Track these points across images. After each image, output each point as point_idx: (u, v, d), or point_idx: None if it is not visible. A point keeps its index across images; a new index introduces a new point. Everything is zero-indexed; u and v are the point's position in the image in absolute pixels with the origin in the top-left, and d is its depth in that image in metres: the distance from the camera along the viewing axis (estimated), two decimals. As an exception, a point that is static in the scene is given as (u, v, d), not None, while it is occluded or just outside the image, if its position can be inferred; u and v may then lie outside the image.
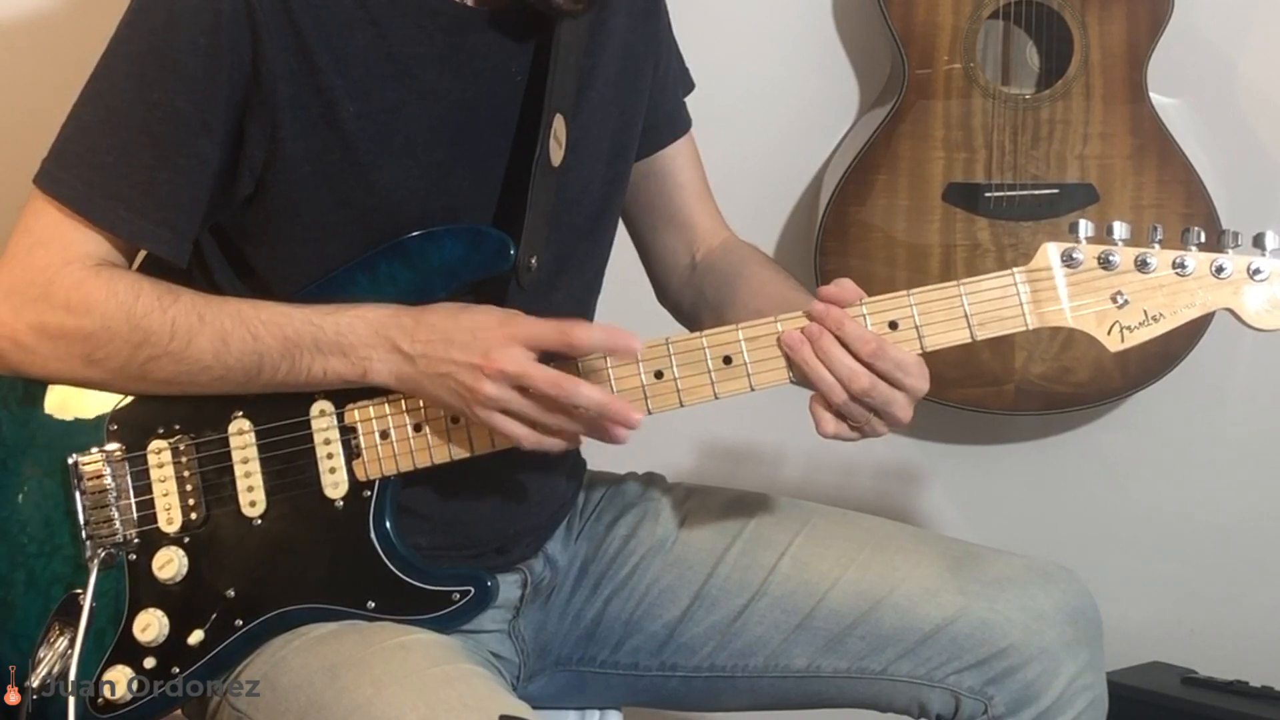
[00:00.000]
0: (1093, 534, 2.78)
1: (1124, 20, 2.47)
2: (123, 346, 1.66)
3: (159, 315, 1.66)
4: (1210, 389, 2.72)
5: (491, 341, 1.62)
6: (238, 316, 1.66)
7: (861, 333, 1.64)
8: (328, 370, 1.66)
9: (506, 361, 1.61)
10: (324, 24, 1.64)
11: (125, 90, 1.65)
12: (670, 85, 1.95)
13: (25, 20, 2.40)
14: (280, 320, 1.66)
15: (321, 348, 1.66)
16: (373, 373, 1.66)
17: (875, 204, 2.52)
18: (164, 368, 1.67)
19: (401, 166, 1.69)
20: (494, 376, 1.62)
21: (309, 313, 1.66)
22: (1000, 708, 1.79)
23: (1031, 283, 1.65)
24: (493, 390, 1.62)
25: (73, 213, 1.66)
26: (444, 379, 1.64)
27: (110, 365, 1.67)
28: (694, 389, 1.67)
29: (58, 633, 1.71)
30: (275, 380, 1.67)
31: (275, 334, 1.66)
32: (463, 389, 1.63)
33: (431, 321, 1.65)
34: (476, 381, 1.62)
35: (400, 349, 1.65)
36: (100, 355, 1.67)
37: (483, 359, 1.62)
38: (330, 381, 1.67)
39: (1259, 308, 1.64)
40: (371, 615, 1.71)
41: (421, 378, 1.65)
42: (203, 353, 1.66)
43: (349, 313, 1.66)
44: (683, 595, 1.86)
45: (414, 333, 1.64)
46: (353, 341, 1.66)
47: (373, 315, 1.66)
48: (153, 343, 1.66)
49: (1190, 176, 2.48)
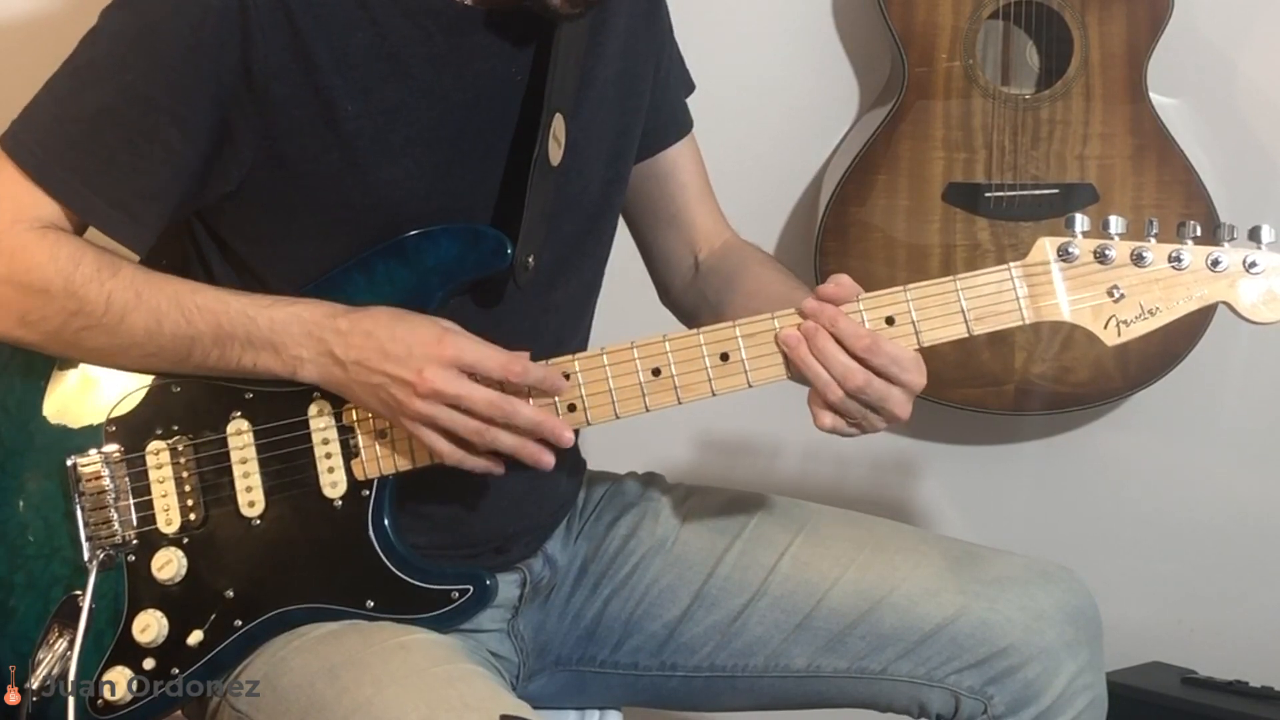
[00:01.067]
0: (1093, 534, 2.78)
1: (1124, 20, 2.47)
2: (58, 312, 1.66)
3: (96, 286, 1.66)
4: (1210, 389, 2.72)
5: (426, 358, 1.62)
6: (174, 298, 1.67)
7: (855, 329, 1.64)
8: (257, 363, 1.67)
9: (441, 382, 1.62)
10: (323, 23, 1.64)
11: (102, 68, 1.65)
12: (671, 86, 1.95)
13: (25, 20, 2.40)
14: (216, 307, 1.66)
15: (253, 341, 1.66)
16: (302, 372, 1.67)
17: (875, 204, 2.52)
18: (96, 338, 1.67)
19: (400, 166, 1.69)
20: (426, 395, 1.62)
21: (245, 303, 1.67)
22: (1000, 707, 1.79)
23: (1028, 277, 1.65)
24: (422, 406, 1.63)
25: (29, 177, 1.66)
26: (375, 389, 1.64)
27: (43, 328, 1.67)
28: (692, 386, 1.67)
29: (57, 634, 1.71)
30: (206, 365, 1.68)
31: (209, 320, 1.66)
32: (392, 400, 1.64)
33: (367, 328, 1.65)
34: (407, 397, 1.63)
35: (332, 352, 1.65)
36: (35, 317, 1.67)
37: (416, 376, 1.62)
38: (260, 374, 1.68)
39: (1255, 301, 1.64)
40: (371, 615, 1.71)
41: (351, 383, 1.65)
42: (135, 329, 1.66)
43: (286, 308, 1.66)
44: (683, 595, 1.86)
45: (348, 337, 1.65)
46: (284, 339, 1.66)
47: (308, 314, 1.66)
48: (87, 312, 1.66)
49: (1190, 176, 2.48)
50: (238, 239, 1.74)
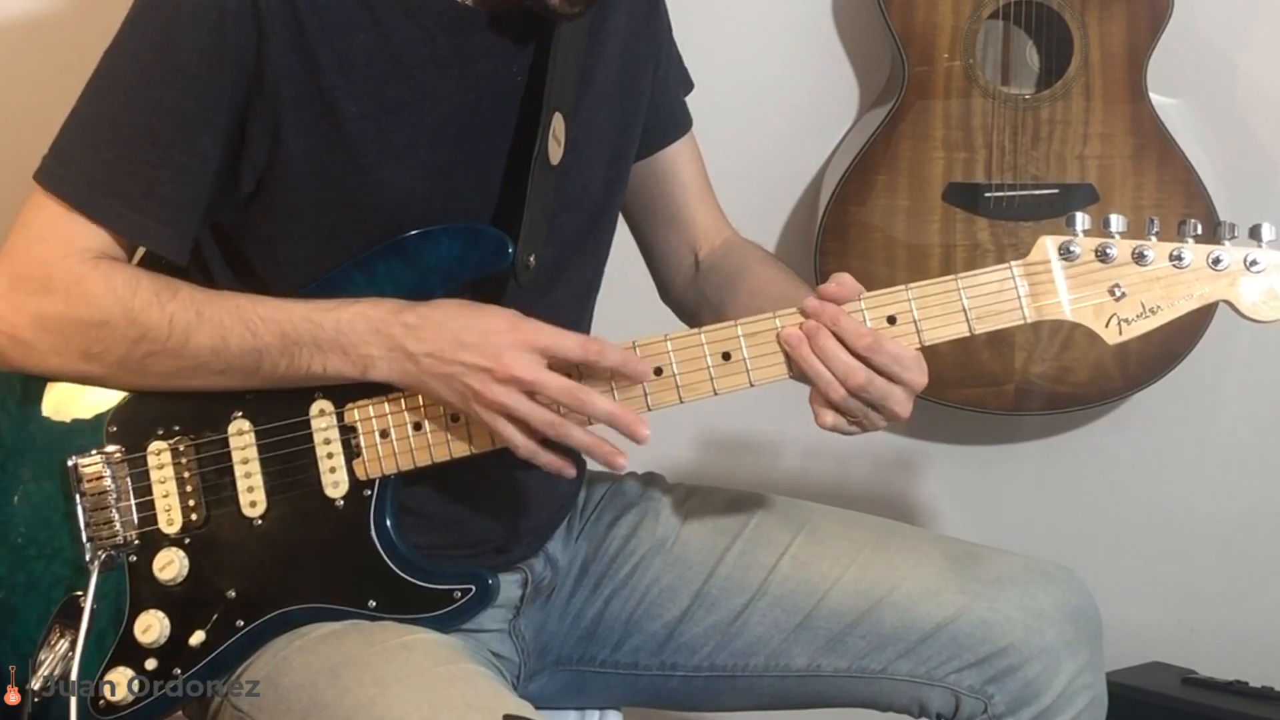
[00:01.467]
0: (1093, 534, 2.78)
1: (1124, 20, 2.47)
2: (121, 341, 1.66)
3: (156, 310, 1.66)
4: (1210, 389, 2.72)
5: (503, 345, 1.62)
6: (236, 312, 1.66)
7: (857, 328, 1.64)
8: (327, 367, 1.66)
9: (519, 368, 1.61)
10: (328, 24, 1.64)
11: (128, 87, 1.65)
12: (671, 85, 1.95)
13: (25, 20, 2.40)
14: (279, 316, 1.66)
15: (321, 345, 1.66)
16: (373, 370, 1.66)
17: (875, 204, 2.53)
18: (162, 363, 1.67)
19: (403, 167, 1.69)
20: (505, 381, 1.62)
21: (308, 309, 1.66)
22: (1000, 707, 1.79)
23: (1029, 276, 1.66)
24: (501, 394, 1.62)
25: (73, 209, 1.66)
26: (450, 379, 1.64)
27: (108, 359, 1.67)
28: (693, 385, 1.67)
29: (59, 635, 1.71)
30: (275, 376, 1.67)
31: (274, 330, 1.66)
32: (469, 390, 1.63)
33: (438, 320, 1.64)
34: (484, 385, 1.62)
35: (404, 347, 1.65)
36: (98, 350, 1.67)
37: (495, 363, 1.62)
38: (330, 378, 1.67)
39: (1256, 299, 1.64)
40: (372, 614, 1.70)
41: (425, 376, 1.65)
42: (201, 348, 1.66)
43: (349, 309, 1.66)
44: (683, 595, 1.86)
45: (418, 331, 1.64)
46: (352, 339, 1.65)
47: (373, 313, 1.66)
48: (151, 338, 1.66)
49: (1190, 176, 2.48)
50: (239, 239, 1.74)
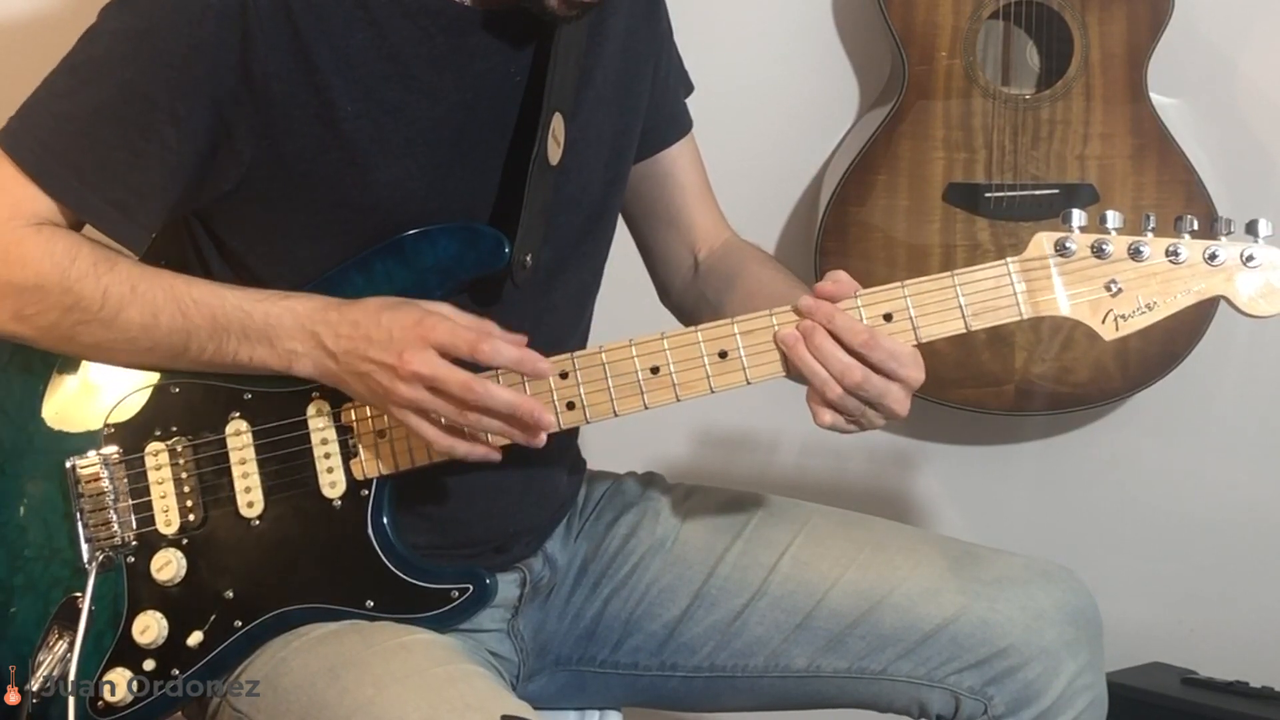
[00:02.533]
0: (1093, 534, 2.78)
1: (1124, 20, 2.47)
2: (53, 307, 1.66)
3: (92, 281, 1.66)
4: (1210, 389, 2.72)
5: (405, 341, 1.62)
6: (170, 292, 1.67)
7: (852, 325, 1.63)
8: (253, 357, 1.67)
9: (418, 363, 1.61)
10: (324, 23, 1.64)
11: (101, 65, 1.65)
12: (671, 86, 1.95)
13: (25, 20, 2.40)
14: (212, 301, 1.67)
15: (249, 335, 1.66)
16: (297, 365, 1.67)
17: (875, 204, 2.52)
18: (92, 333, 1.67)
19: (400, 167, 1.69)
20: (406, 378, 1.62)
21: (241, 297, 1.67)
22: (1000, 707, 1.78)
23: (1025, 272, 1.65)
24: (406, 391, 1.63)
25: (25, 173, 1.66)
26: (363, 377, 1.65)
27: (39, 323, 1.67)
28: (690, 383, 1.67)
29: (57, 636, 1.71)
30: (202, 360, 1.68)
31: (205, 314, 1.66)
32: (379, 388, 1.64)
33: (355, 318, 1.65)
34: (391, 382, 1.63)
35: (324, 344, 1.65)
36: (30, 312, 1.67)
37: (397, 360, 1.62)
38: (255, 368, 1.68)
39: (1253, 294, 1.64)
40: (371, 614, 1.71)
41: (343, 374, 1.66)
42: (131, 324, 1.66)
43: (280, 302, 1.66)
44: (682, 595, 1.86)
45: (337, 328, 1.65)
46: (279, 332, 1.66)
47: (301, 308, 1.66)
48: (83, 307, 1.66)
49: (1190, 176, 2.48)
50: (236, 238, 1.74)
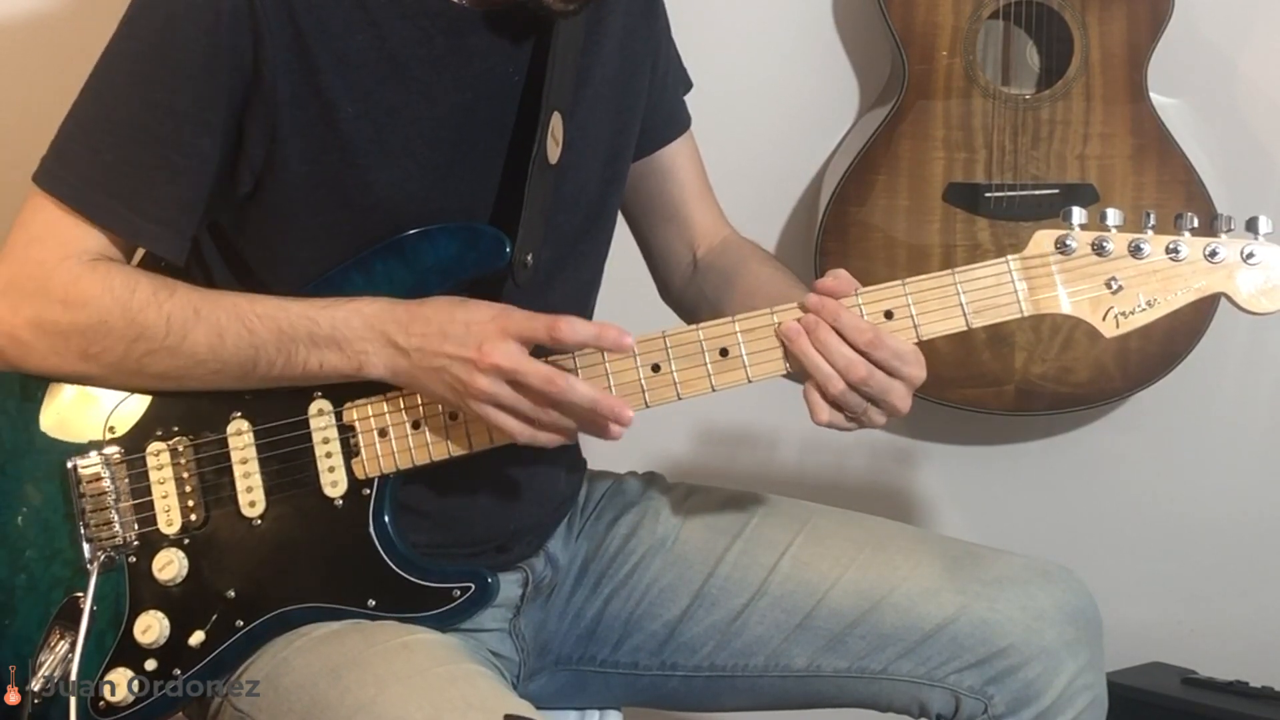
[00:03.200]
0: (1093, 534, 2.78)
1: (1124, 20, 2.47)
2: (119, 341, 1.66)
3: (154, 310, 1.66)
4: (1211, 389, 2.72)
5: (485, 335, 1.62)
6: (233, 310, 1.67)
7: (858, 322, 1.64)
8: (324, 364, 1.67)
9: (500, 356, 1.61)
10: (325, 24, 1.64)
11: (125, 88, 1.66)
12: (670, 84, 1.95)
13: (25, 20, 2.40)
14: (276, 314, 1.66)
15: (317, 341, 1.66)
16: (368, 366, 1.66)
17: (875, 204, 2.52)
18: (160, 362, 1.67)
19: (400, 167, 1.69)
20: (487, 371, 1.62)
21: (304, 306, 1.66)
22: (1000, 707, 1.78)
23: (1026, 270, 1.66)
24: (486, 384, 1.62)
25: (71, 210, 1.66)
26: (438, 372, 1.64)
27: (106, 360, 1.68)
28: (691, 382, 1.67)
29: (58, 636, 1.71)
30: (272, 374, 1.67)
31: (270, 328, 1.66)
32: (456, 383, 1.63)
33: (426, 315, 1.65)
34: (470, 375, 1.62)
35: (395, 343, 1.65)
36: (96, 350, 1.67)
37: (476, 353, 1.62)
38: (327, 375, 1.67)
39: (1253, 291, 1.64)
40: (372, 614, 1.71)
41: (416, 371, 1.65)
42: (198, 347, 1.66)
43: (345, 306, 1.66)
44: (683, 594, 1.86)
45: (408, 326, 1.65)
46: (347, 335, 1.66)
47: (368, 309, 1.66)
48: (149, 337, 1.66)
49: (1190, 176, 2.48)
50: (237, 239, 1.74)
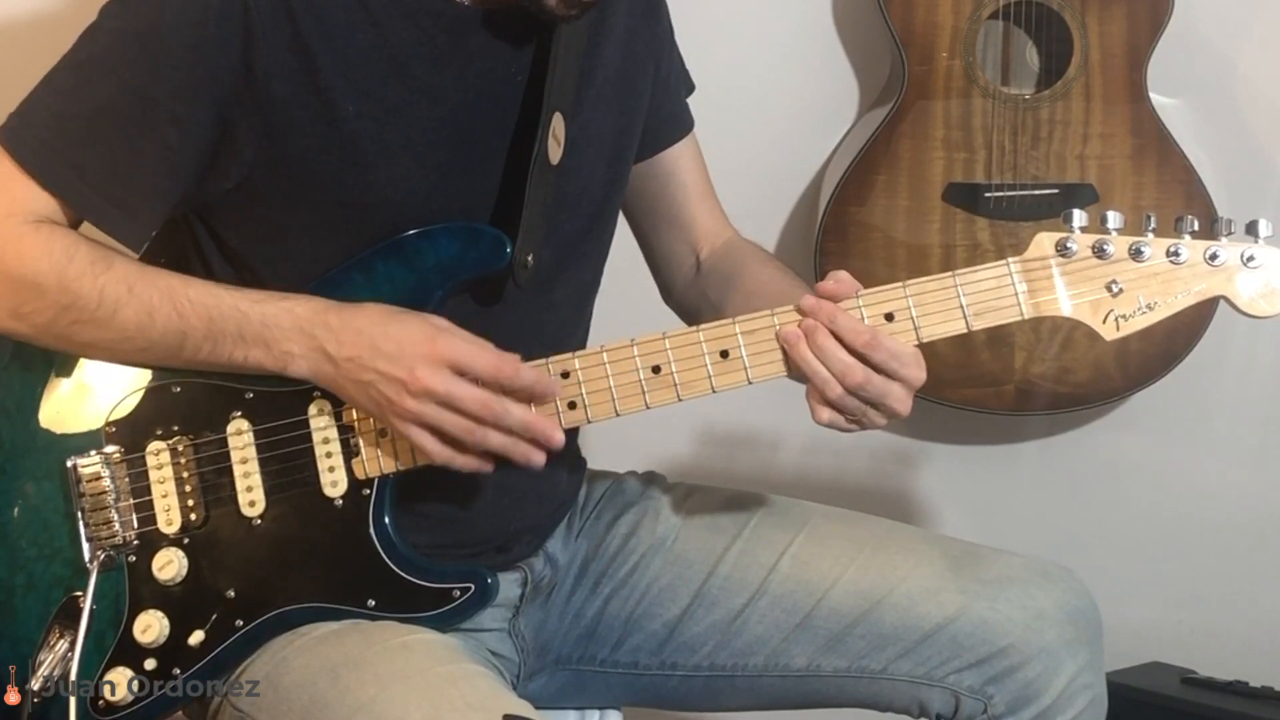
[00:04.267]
0: (1093, 534, 2.78)
1: (1124, 20, 2.47)
2: (50, 305, 1.66)
3: (89, 280, 1.66)
4: (1210, 389, 2.72)
5: (418, 357, 1.62)
6: (167, 292, 1.67)
7: (854, 325, 1.64)
8: (248, 358, 1.67)
9: (433, 381, 1.62)
10: (325, 24, 1.64)
11: (102, 65, 1.65)
12: (672, 86, 1.95)
13: (25, 19, 2.40)
14: (209, 302, 1.67)
15: (245, 336, 1.66)
16: (293, 367, 1.67)
17: (875, 204, 2.53)
18: (88, 332, 1.68)
19: (401, 167, 1.69)
20: (417, 393, 1.62)
21: (238, 298, 1.67)
22: (1000, 707, 1.78)
23: (1026, 272, 1.66)
24: (414, 405, 1.63)
25: (25, 171, 1.66)
26: (365, 386, 1.64)
27: (35, 321, 1.68)
28: (691, 383, 1.67)
29: (58, 635, 1.71)
30: (197, 360, 1.68)
31: (201, 315, 1.66)
32: (383, 399, 1.64)
33: (358, 326, 1.65)
34: (398, 395, 1.63)
35: (324, 348, 1.65)
36: (27, 310, 1.67)
37: (408, 375, 1.62)
38: (250, 369, 1.68)
39: (1253, 295, 1.65)
40: (372, 614, 1.71)
41: (342, 379, 1.65)
42: (127, 323, 1.67)
43: (277, 303, 1.66)
44: (683, 594, 1.86)
45: (339, 334, 1.65)
46: (275, 334, 1.66)
47: (300, 309, 1.66)
48: (79, 307, 1.66)
49: (1190, 176, 2.48)
50: (237, 237, 1.74)
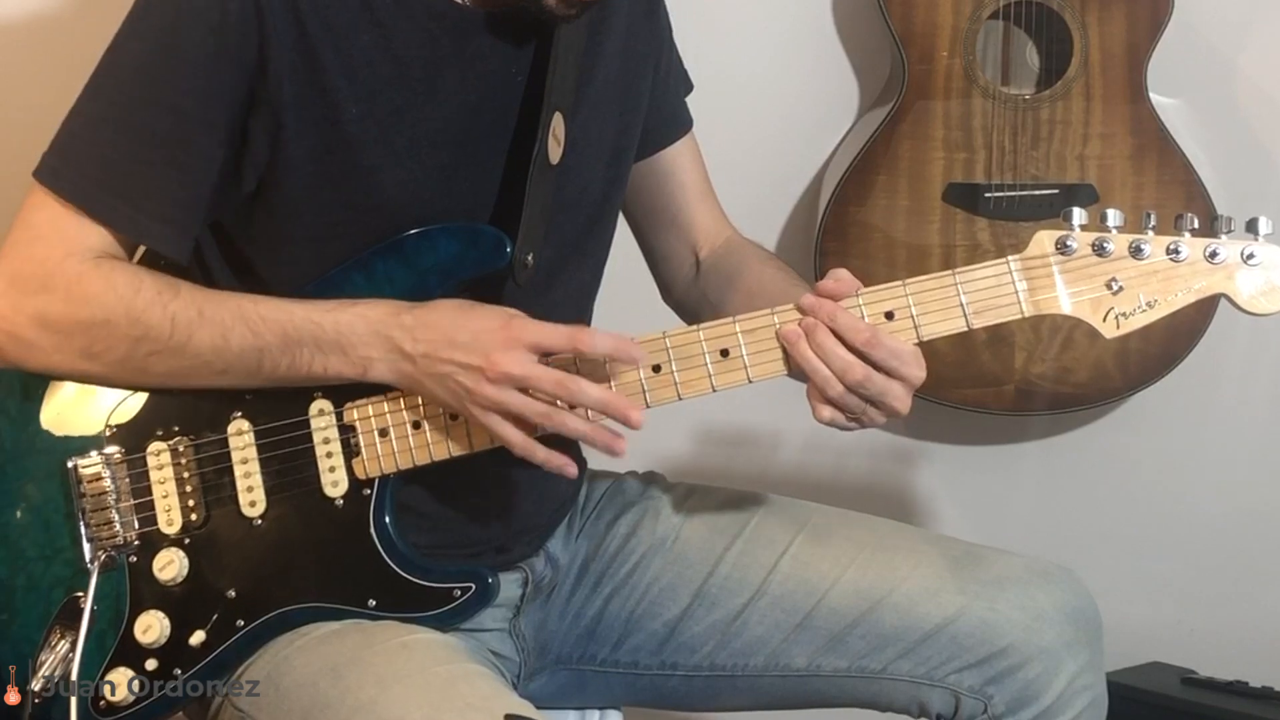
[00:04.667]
0: (1093, 534, 2.78)
1: (1124, 20, 2.47)
2: (122, 340, 1.66)
3: (159, 310, 1.66)
4: (1210, 389, 2.72)
5: (494, 343, 1.62)
6: (238, 312, 1.67)
7: (854, 323, 1.64)
8: (328, 368, 1.67)
9: (510, 364, 1.62)
10: (330, 25, 1.65)
11: (130, 87, 1.66)
12: (671, 85, 1.96)
13: (26, 19, 2.40)
14: (281, 316, 1.66)
15: (321, 345, 1.66)
16: (373, 371, 1.66)
17: (875, 204, 2.53)
18: (164, 362, 1.67)
19: (404, 168, 1.69)
20: (496, 379, 1.62)
21: (309, 309, 1.66)
22: (1000, 707, 1.79)
23: (1026, 270, 1.66)
24: (494, 392, 1.63)
25: (73, 207, 1.66)
26: (444, 379, 1.64)
27: (109, 359, 1.67)
28: (692, 382, 1.67)
29: (59, 636, 1.71)
30: (276, 375, 1.67)
31: (275, 330, 1.66)
32: (462, 389, 1.64)
33: (433, 320, 1.65)
34: (477, 383, 1.63)
35: (401, 348, 1.65)
36: (99, 349, 1.67)
37: (485, 361, 1.62)
38: (330, 378, 1.67)
39: (1253, 292, 1.65)
40: (372, 614, 1.71)
41: (422, 376, 1.65)
42: (203, 348, 1.66)
43: (350, 310, 1.66)
44: (683, 594, 1.86)
45: (414, 331, 1.65)
46: (352, 340, 1.66)
47: (373, 314, 1.66)
48: (152, 337, 1.66)
49: (1190, 176, 2.48)
50: (239, 238, 1.74)
